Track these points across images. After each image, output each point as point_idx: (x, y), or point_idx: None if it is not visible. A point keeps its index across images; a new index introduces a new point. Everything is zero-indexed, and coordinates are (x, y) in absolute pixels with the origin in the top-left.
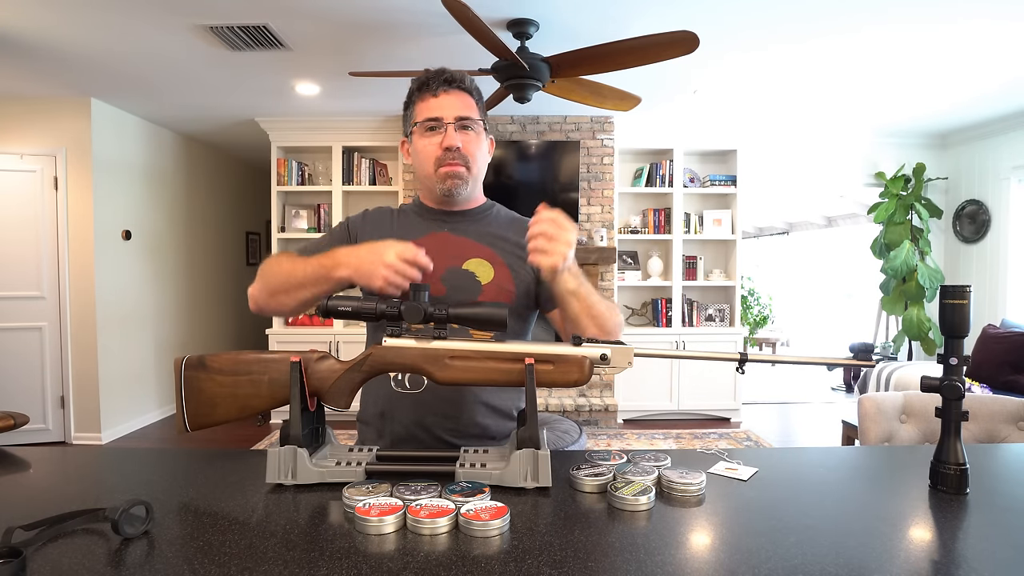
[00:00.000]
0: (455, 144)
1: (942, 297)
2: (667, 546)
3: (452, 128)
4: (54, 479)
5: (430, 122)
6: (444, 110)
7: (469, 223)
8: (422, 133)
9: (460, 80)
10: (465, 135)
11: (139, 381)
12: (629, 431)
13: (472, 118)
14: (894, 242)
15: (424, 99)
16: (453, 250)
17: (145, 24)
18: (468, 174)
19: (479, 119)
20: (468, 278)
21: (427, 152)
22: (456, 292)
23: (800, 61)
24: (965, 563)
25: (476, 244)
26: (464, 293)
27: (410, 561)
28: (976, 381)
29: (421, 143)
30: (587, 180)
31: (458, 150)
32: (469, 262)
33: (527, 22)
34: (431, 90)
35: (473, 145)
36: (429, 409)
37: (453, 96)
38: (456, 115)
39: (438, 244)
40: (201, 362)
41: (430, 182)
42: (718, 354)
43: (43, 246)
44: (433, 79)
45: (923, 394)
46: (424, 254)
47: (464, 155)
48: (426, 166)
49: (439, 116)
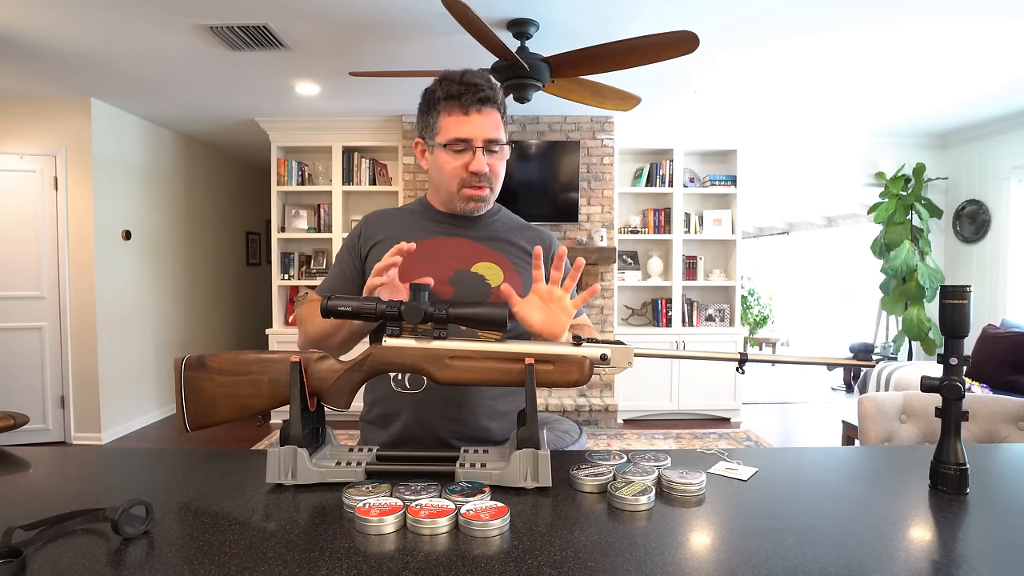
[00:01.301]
0: (483, 170)
1: (942, 297)
2: (667, 546)
3: (481, 152)
4: (54, 479)
5: (459, 144)
6: (475, 131)
7: (478, 227)
8: (449, 151)
9: (493, 99)
10: (491, 157)
11: (139, 381)
12: (629, 431)
13: (499, 140)
14: (894, 242)
15: (452, 113)
16: (462, 253)
17: (145, 24)
18: (491, 195)
19: (504, 139)
20: (477, 281)
21: (451, 170)
22: (465, 295)
23: (800, 61)
24: (965, 563)
25: (485, 248)
26: (473, 295)
27: (410, 561)
28: (976, 381)
29: (445, 159)
30: (587, 180)
31: (485, 175)
32: (478, 265)
33: (527, 22)
34: (463, 107)
35: (499, 166)
36: (434, 411)
37: (484, 116)
38: (486, 137)
39: (446, 247)
40: (201, 362)
41: (451, 199)
42: (718, 354)
43: (43, 246)
44: (466, 95)
45: (923, 394)
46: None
47: (489, 178)
48: (449, 183)
49: (469, 138)
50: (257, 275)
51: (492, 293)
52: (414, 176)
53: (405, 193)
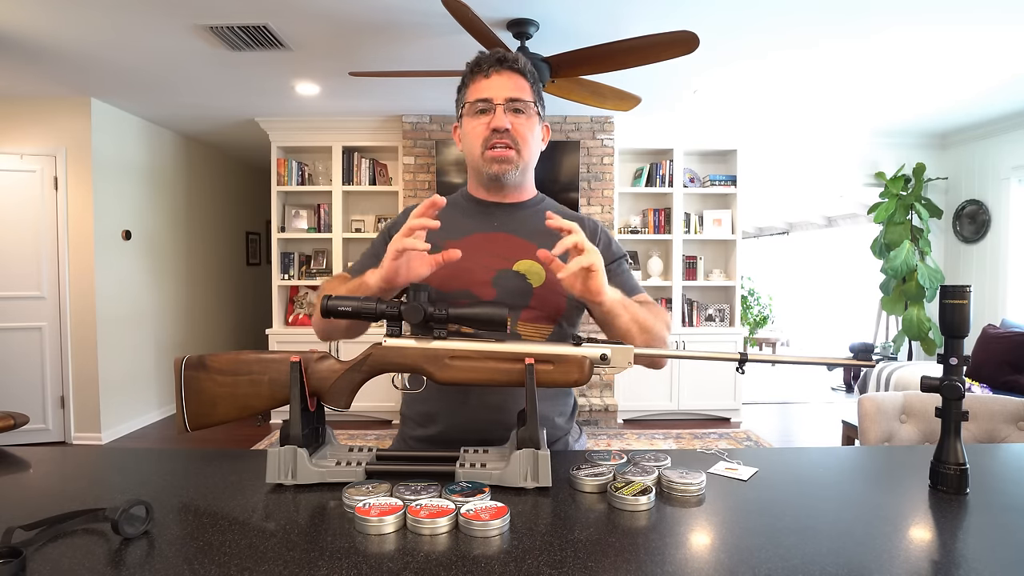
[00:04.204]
0: (504, 125)
1: (942, 297)
2: (667, 546)
3: (501, 109)
4: (54, 479)
5: (480, 103)
6: (494, 91)
7: (518, 219)
8: (472, 115)
9: (514, 60)
10: (516, 117)
11: (139, 381)
12: (629, 431)
13: (524, 100)
14: (894, 242)
15: (476, 80)
16: (502, 250)
17: (145, 24)
18: (518, 158)
19: (532, 101)
20: (519, 280)
21: (475, 133)
22: (507, 295)
23: (800, 61)
24: (965, 563)
25: (526, 244)
26: (515, 296)
27: (410, 561)
28: (976, 381)
29: (470, 125)
30: (587, 180)
31: (507, 131)
32: (519, 264)
33: (527, 22)
34: (483, 71)
35: (524, 128)
36: (475, 414)
37: (505, 77)
38: (507, 96)
39: (486, 244)
40: (201, 362)
41: (477, 165)
42: (718, 354)
43: (43, 246)
44: (485, 60)
45: (923, 394)
46: (421, 219)
47: (514, 137)
48: (474, 148)
49: (489, 97)
50: (257, 275)
51: (534, 294)
52: (414, 176)
53: (405, 193)
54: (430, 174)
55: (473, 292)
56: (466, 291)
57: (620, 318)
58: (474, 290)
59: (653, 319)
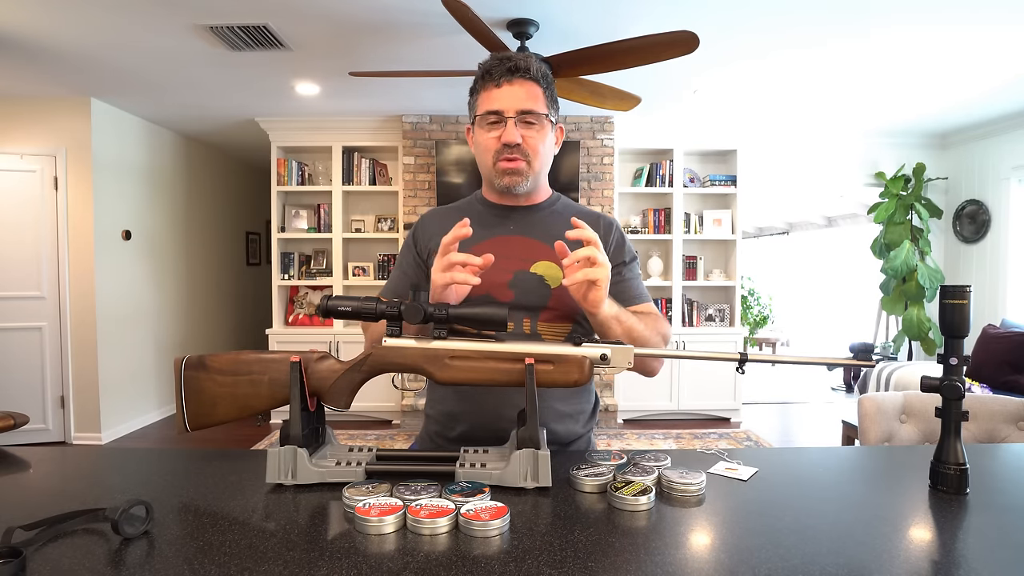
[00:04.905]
0: (515, 140)
1: (942, 297)
2: (667, 546)
3: (512, 123)
4: (54, 479)
5: (491, 115)
6: (506, 102)
7: (534, 221)
8: (483, 126)
9: (525, 69)
10: (527, 129)
11: (139, 381)
12: (629, 431)
13: (535, 111)
14: (894, 242)
15: (487, 89)
16: (520, 252)
17: (145, 24)
18: (529, 169)
19: (543, 112)
20: (536, 282)
21: (487, 145)
22: (525, 296)
23: (800, 61)
24: (965, 563)
25: (543, 245)
26: (532, 297)
27: (410, 561)
28: (976, 381)
29: (482, 135)
30: (587, 180)
31: (518, 146)
32: (537, 265)
33: (527, 22)
34: (494, 79)
35: (535, 140)
36: (498, 414)
37: (516, 86)
38: (518, 108)
39: (504, 247)
40: (201, 362)
41: (489, 175)
42: (718, 354)
43: (43, 246)
44: (497, 68)
45: (923, 394)
46: (468, 255)
47: (525, 150)
48: (486, 159)
49: (500, 109)
50: (257, 275)
51: (551, 295)
52: (414, 176)
53: (405, 193)
54: (430, 174)
55: (492, 295)
56: (485, 294)
57: (612, 331)
58: (493, 292)
59: (649, 333)
